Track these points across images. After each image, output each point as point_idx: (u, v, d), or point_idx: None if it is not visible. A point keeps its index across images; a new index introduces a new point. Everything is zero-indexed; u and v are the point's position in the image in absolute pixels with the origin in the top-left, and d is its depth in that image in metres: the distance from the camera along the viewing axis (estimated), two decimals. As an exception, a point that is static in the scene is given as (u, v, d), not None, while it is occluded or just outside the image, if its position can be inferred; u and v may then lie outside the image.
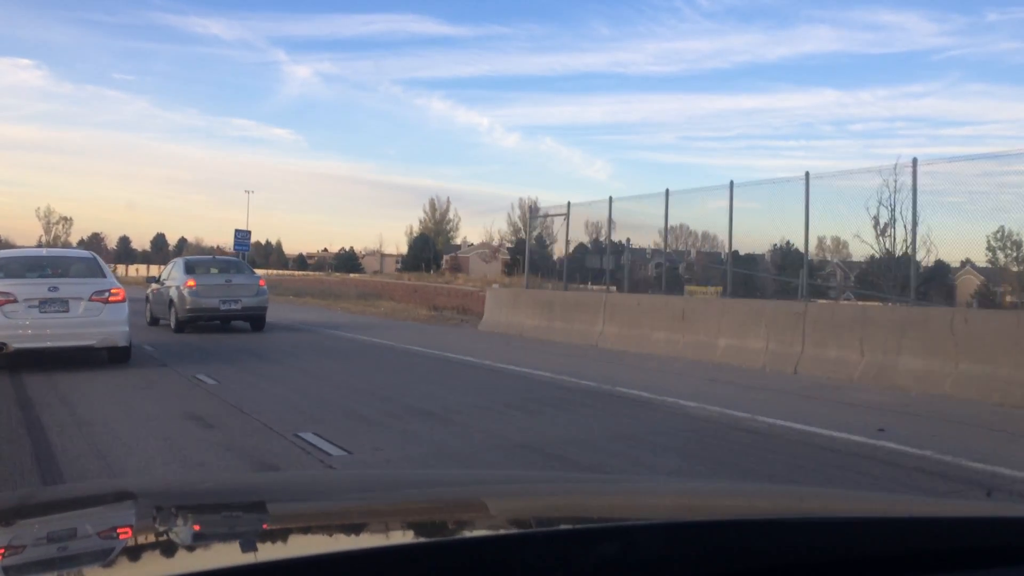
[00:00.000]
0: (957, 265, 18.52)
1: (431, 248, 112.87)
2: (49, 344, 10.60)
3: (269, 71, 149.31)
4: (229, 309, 17.06)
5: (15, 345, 10.36)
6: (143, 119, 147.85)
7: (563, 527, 1.53)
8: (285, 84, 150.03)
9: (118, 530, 1.59)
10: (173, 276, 17.87)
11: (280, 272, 78.12)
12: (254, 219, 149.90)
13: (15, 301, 10.33)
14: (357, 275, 49.52)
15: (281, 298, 38.00)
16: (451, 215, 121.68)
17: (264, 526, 1.63)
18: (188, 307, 16.79)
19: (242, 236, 36.07)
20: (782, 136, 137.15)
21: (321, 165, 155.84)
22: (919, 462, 6.51)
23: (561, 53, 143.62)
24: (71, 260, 12.43)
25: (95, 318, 10.77)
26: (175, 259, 19.94)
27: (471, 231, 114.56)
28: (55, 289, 10.62)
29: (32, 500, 2.17)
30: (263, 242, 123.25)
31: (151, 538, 1.50)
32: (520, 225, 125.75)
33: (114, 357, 11.36)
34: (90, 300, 10.75)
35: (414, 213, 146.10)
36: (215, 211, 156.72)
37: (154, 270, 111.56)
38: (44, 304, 10.49)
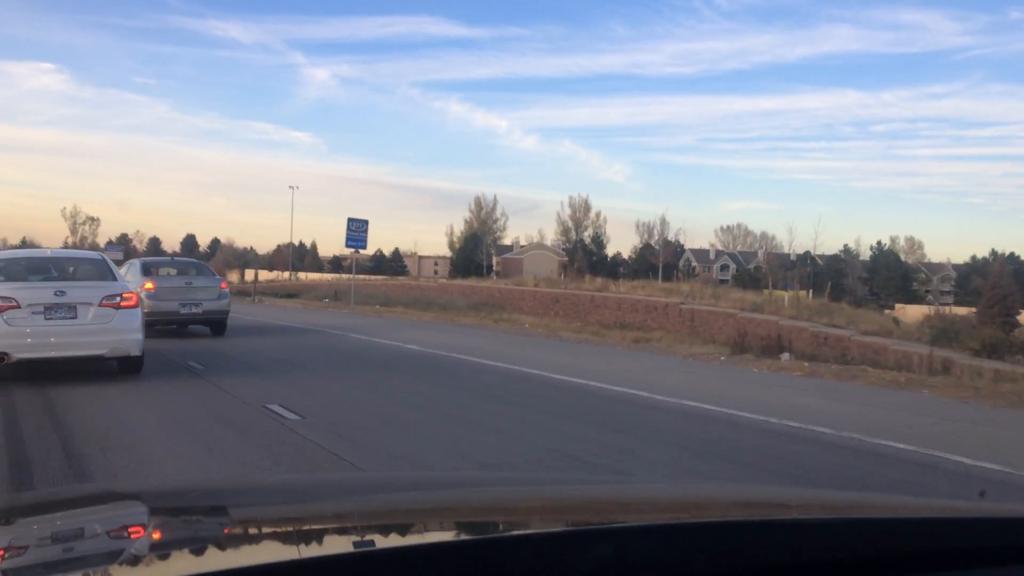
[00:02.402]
0: None
1: (483, 249, 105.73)
2: (55, 354, 9.62)
3: (288, 74, 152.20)
4: (189, 313, 16.24)
5: (17, 355, 9.34)
6: (164, 123, 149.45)
7: (557, 529, 1.54)
8: (304, 87, 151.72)
9: (114, 532, 1.58)
10: (129, 279, 16.19)
11: (344, 277, 70.55)
12: (273, 221, 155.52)
13: (17, 307, 9.37)
14: (459, 280, 41.53)
15: (366, 308, 30.05)
16: (498, 214, 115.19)
17: (260, 529, 1.60)
18: (146, 311, 14.93)
19: (357, 227, 27.54)
20: (802, 138, 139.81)
21: (340, 168, 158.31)
22: None
23: (579, 54, 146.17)
24: (79, 262, 11.59)
25: (105, 325, 9.80)
26: (130, 260, 19.05)
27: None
28: (62, 293, 9.67)
29: (20, 503, 2.32)
30: (296, 243, 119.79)
31: (147, 539, 1.49)
32: (571, 224, 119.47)
33: (125, 368, 10.36)
34: (100, 305, 9.81)
35: (433, 215, 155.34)
36: (235, 214, 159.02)
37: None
38: (49, 310, 9.55)
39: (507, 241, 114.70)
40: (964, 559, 1.32)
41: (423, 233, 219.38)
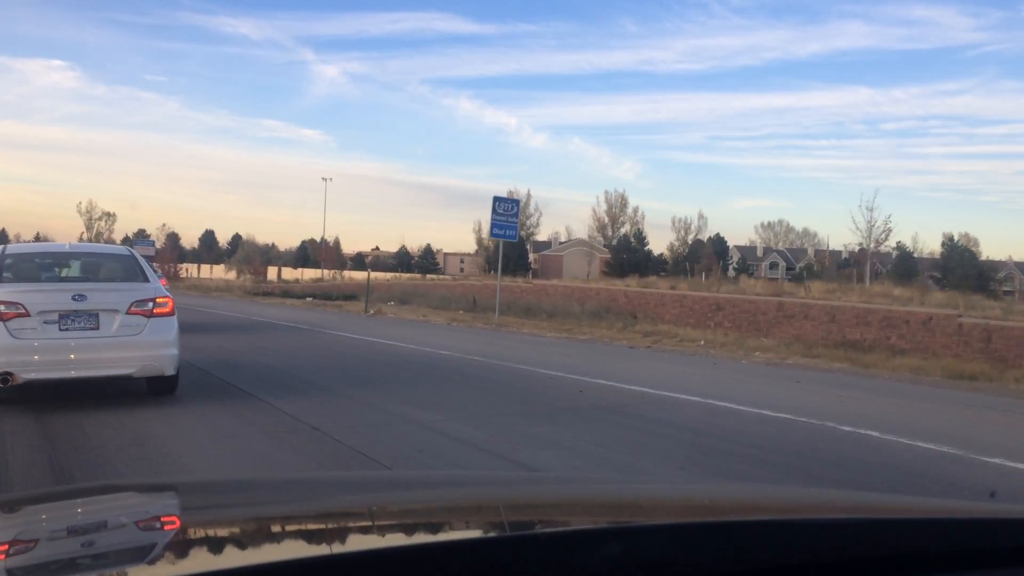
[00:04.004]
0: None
1: (520, 245, 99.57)
2: (73, 373, 7.80)
3: (297, 71, 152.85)
4: None
5: (25, 375, 7.52)
6: (175, 120, 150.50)
7: (566, 528, 1.54)
8: (313, 84, 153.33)
9: (131, 527, 1.54)
10: None
11: (403, 276, 64.82)
12: (285, 218, 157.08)
13: (26, 314, 7.60)
14: (579, 283, 35.49)
15: (514, 321, 24.10)
16: (531, 210, 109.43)
17: (280, 526, 1.56)
18: None
19: (506, 209, 21.04)
20: (813, 135, 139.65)
21: (350, 166, 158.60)
22: None
23: (588, 51, 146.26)
24: (102, 258, 9.40)
25: (135, 338, 8.01)
26: None
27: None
28: (81, 298, 7.90)
29: (31, 496, 2.31)
30: (317, 239, 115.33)
31: (166, 534, 1.48)
32: (607, 220, 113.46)
33: (156, 388, 8.56)
34: (128, 313, 8.05)
35: (442, 213, 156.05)
36: (246, 211, 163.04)
37: (204, 269, 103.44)
38: (66, 318, 7.77)
39: (540, 237, 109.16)
40: (974, 560, 1.30)
41: (432, 230, 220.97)
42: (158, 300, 8.28)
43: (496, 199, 20.59)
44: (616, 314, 23.83)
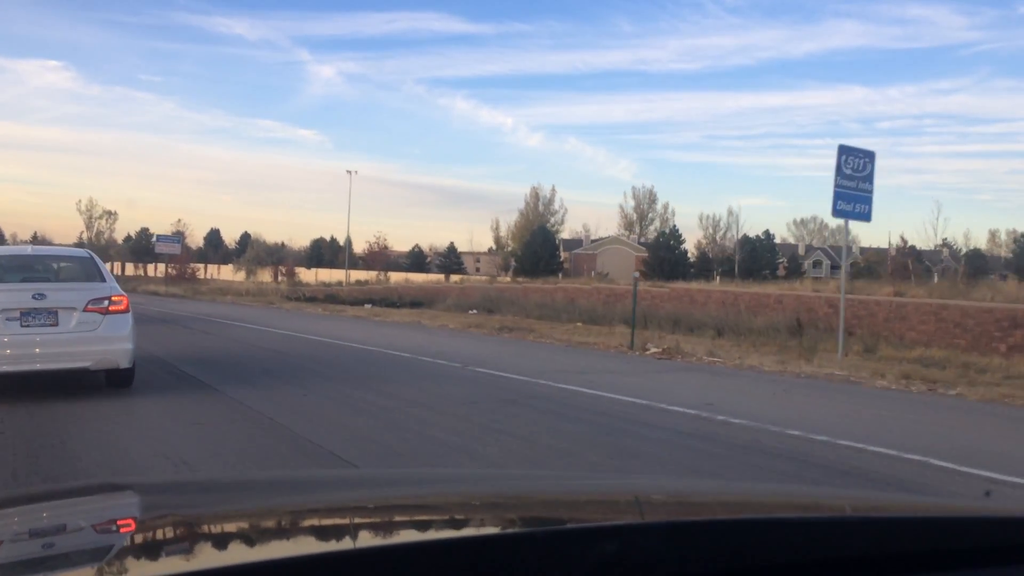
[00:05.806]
0: None
1: (551, 244, 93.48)
2: (37, 366, 8.48)
3: (293, 71, 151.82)
4: None
5: None
6: (171, 120, 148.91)
7: (562, 526, 1.52)
8: (309, 84, 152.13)
9: (98, 526, 1.52)
10: None
11: (476, 279, 58.25)
12: (283, 217, 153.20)
13: None
14: (734, 286, 29.41)
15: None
16: (556, 205, 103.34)
17: (261, 524, 1.53)
18: None
19: (855, 166, 12.18)
20: (808, 134, 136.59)
21: (346, 166, 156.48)
22: None
23: (584, 51, 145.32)
24: (61, 260, 10.42)
25: (91, 333, 8.68)
26: None
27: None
28: (41, 297, 8.55)
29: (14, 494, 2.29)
30: (327, 239, 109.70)
31: (136, 535, 1.45)
32: (635, 217, 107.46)
33: (114, 380, 9.23)
34: (85, 311, 8.69)
35: (440, 213, 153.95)
36: (241, 211, 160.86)
37: (212, 269, 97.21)
38: (26, 316, 8.40)
39: (565, 234, 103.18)
40: (968, 559, 1.29)
41: (430, 230, 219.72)
42: (113, 298, 8.88)
43: (843, 149, 12.88)
44: (819, 329, 17.55)
